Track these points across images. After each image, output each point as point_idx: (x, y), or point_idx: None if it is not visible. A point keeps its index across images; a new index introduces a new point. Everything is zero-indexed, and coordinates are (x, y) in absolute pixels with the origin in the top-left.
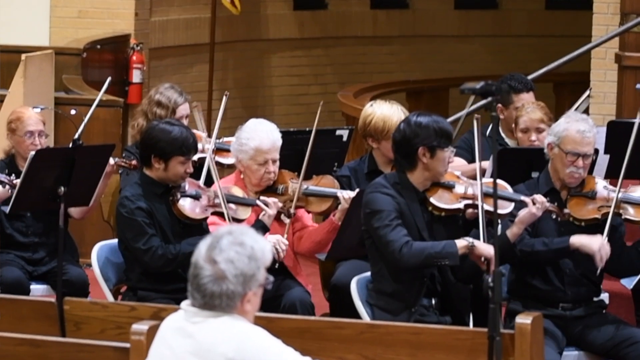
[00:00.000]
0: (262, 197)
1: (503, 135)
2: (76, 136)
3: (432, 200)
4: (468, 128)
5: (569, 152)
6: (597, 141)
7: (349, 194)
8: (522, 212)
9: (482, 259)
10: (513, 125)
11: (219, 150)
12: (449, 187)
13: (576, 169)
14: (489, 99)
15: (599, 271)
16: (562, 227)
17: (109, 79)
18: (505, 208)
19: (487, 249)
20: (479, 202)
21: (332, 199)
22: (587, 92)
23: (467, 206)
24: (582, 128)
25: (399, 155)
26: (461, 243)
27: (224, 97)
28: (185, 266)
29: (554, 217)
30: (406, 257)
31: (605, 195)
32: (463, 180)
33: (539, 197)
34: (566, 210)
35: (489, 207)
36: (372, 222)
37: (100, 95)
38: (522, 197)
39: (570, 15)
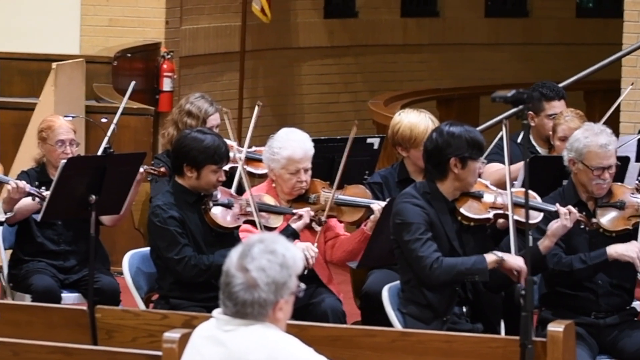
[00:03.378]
0: (296, 211)
1: (534, 143)
2: (105, 143)
3: (461, 210)
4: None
5: (594, 167)
6: (628, 149)
7: (382, 205)
8: (554, 225)
9: (515, 272)
10: (550, 133)
11: (251, 160)
12: (478, 197)
13: (603, 181)
14: (520, 107)
15: None
16: (594, 239)
17: (132, 83)
18: (535, 218)
19: (516, 262)
20: (510, 212)
21: (364, 209)
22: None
23: (496, 216)
24: (603, 142)
25: (429, 165)
26: (490, 258)
27: (257, 107)
28: (218, 276)
29: (582, 226)
30: (436, 273)
31: (635, 204)
32: (492, 190)
33: (569, 208)
34: (594, 220)
35: (519, 217)
36: (402, 235)
37: (125, 98)
38: (554, 207)
39: (600, 23)
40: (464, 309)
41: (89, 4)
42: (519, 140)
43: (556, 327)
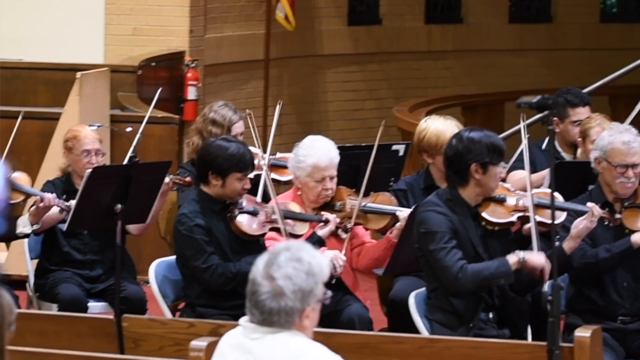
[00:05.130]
0: (322, 213)
1: (559, 148)
2: (130, 152)
3: (484, 215)
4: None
5: (617, 164)
6: None
7: (408, 212)
8: (579, 226)
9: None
10: (578, 139)
11: (275, 167)
12: (501, 201)
13: (627, 179)
14: (546, 112)
15: None
16: (619, 239)
17: (159, 90)
18: (558, 218)
19: (538, 259)
20: (530, 214)
21: (390, 216)
22: None
23: (520, 219)
24: (626, 139)
25: (450, 171)
26: (512, 259)
27: (278, 106)
28: (244, 284)
29: (606, 223)
30: (462, 282)
31: None
32: (514, 193)
33: (593, 207)
34: (617, 216)
35: (542, 219)
36: (427, 244)
37: (152, 107)
38: (578, 206)
39: (625, 28)
40: (491, 315)
41: (113, 13)
42: (544, 146)
43: (583, 333)
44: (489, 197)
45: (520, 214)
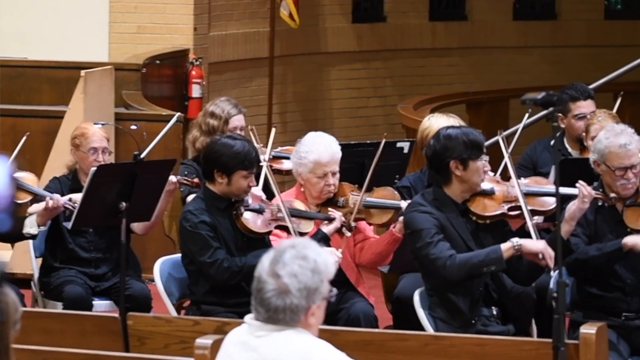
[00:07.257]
0: (329, 209)
1: (567, 145)
2: (146, 151)
3: (474, 210)
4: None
5: (616, 168)
6: None
7: None
8: (571, 208)
9: (540, 255)
10: (580, 133)
11: (276, 158)
12: (490, 194)
13: (627, 180)
14: (550, 109)
15: None
16: (621, 237)
17: (177, 115)
18: (551, 205)
19: (535, 245)
20: (522, 203)
21: (393, 210)
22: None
23: (510, 209)
24: (622, 142)
25: (432, 171)
26: (506, 246)
27: (273, 129)
28: (250, 279)
29: (600, 204)
30: (451, 270)
31: None
32: (503, 183)
33: (585, 189)
34: (612, 195)
35: (533, 207)
36: (415, 243)
37: (165, 131)
38: (568, 190)
39: (629, 25)
40: (494, 311)
41: (118, 12)
42: (552, 143)
43: (588, 329)
44: (477, 192)
45: (511, 204)
